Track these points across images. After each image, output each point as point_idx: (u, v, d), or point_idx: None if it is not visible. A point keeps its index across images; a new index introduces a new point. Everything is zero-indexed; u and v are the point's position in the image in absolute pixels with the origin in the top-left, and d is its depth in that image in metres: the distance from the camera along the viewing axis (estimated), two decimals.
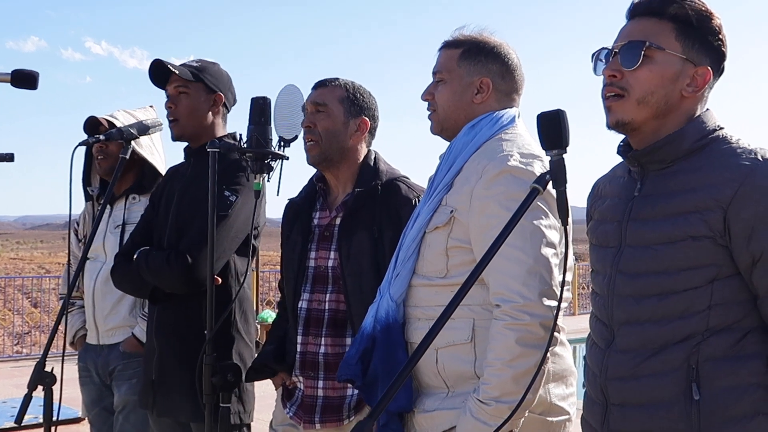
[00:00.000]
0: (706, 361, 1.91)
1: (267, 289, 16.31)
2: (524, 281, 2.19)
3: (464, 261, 2.34)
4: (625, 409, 2.01)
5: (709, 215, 1.90)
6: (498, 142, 2.40)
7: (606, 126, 2.08)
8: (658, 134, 2.03)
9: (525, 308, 2.17)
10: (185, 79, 3.35)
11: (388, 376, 2.37)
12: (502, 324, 2.19)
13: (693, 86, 2.02)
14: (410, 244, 2.44)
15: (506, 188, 2.27)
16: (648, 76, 2.00)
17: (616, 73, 2.03)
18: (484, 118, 2.47)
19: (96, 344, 3.87)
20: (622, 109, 2.02)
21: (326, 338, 2.90)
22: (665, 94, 2.01)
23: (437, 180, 2.47)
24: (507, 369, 2.16)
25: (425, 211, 2.44)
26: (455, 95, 2.51)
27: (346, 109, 2.96)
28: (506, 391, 2.16)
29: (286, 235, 3.11)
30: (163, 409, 3.31)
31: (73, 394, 3.09)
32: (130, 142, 3.20)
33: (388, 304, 2.43)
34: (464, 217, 2.33)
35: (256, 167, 2.54)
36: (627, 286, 2.02)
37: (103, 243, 3.84)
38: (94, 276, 3.83)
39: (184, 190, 3.36)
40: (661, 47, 2.00)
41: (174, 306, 3.27)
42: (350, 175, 3.00)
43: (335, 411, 2.87)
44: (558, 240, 2.29)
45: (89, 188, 4.11)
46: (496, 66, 2.53)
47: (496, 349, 2.19)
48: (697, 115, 2.05)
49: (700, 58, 2.02)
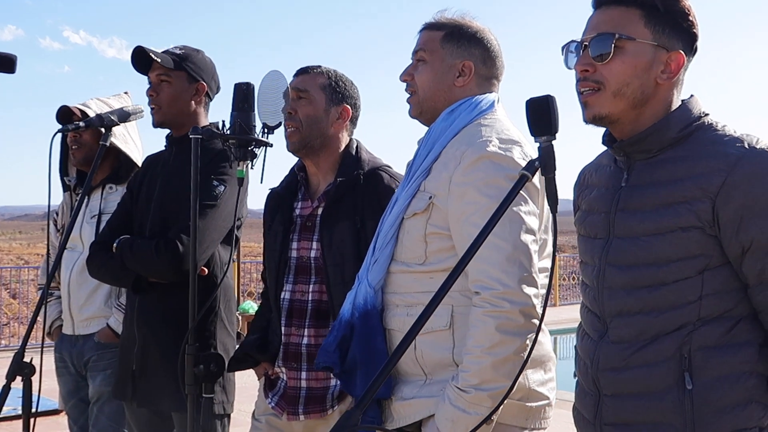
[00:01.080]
0: (699, 350, 1.90)
1: (248, 280, 16.26)
2: (504, 268, 2.17)
3: (442, 247, 2.32)
4: (617, 399, 2.00)
5: (697, 205, 1.89)
6: (477, 127, 2.38)
7: (583, 121, 2.05)
8: (638, 124, 2.01)
9: (505, 295, 2.16)
10: (167, 68, 3.31)
11: (367, 363, 2.36)
12: (482, 311, 2.17)
13: (667, 72, 2.00)
14: (388, 230, 2.42)
15: (485, 174, 2.25)
16: (621, 68, 1.97)
17: (589, 67, 2.00)
18: (463, 103, 2.45)
19: (71, 334, 3.84)
20: (598, 103, 2.00)
21: (309, 329, 2.87)
22: (640, 84, 1.98)
23: (415, 165, 2.45)
24: (486, 356, 2.14)
25: (403, 197, 2.41)
26: (436, 76, 2.48)
27: (327, 97, 2.93)
28: (485, 378, 2.14)
29: (268, 225, 3.08)
30: (143, 399, 3.27)
31: (52, 385, 3.06)
32: (110, 130, 3.15)
33: (366, 291, 2.41)
34: (443, 204, 2.31)
35: (239, 154, 2.50)
36: (617, 278, 2.00)
37: (80, 233, 3.80)
38: (71, 266, 3.79)
39: (167, 179, 3.32)
40: (631, 37, 1.97)
41: (156, 295, 3.23)
42: (331, 164, 2.97)
43: (319, 401, 2.85)
44: (537, 226, 2.28)
45: (66, 178, 4.07)
46: (478, 50, 2.50)
47: (475, 336, 2.17)
48: (680, 102, 2.03)
49: (672, 42, 1.99)
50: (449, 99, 2.48)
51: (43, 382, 2.77)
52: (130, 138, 3.89)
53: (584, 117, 2.04)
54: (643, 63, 1.98)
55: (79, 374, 3.84)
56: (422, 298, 2.31)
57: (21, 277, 16.22)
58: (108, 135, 3.15)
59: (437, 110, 2.48)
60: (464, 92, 2.48)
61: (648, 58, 1.98)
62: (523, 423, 2.32)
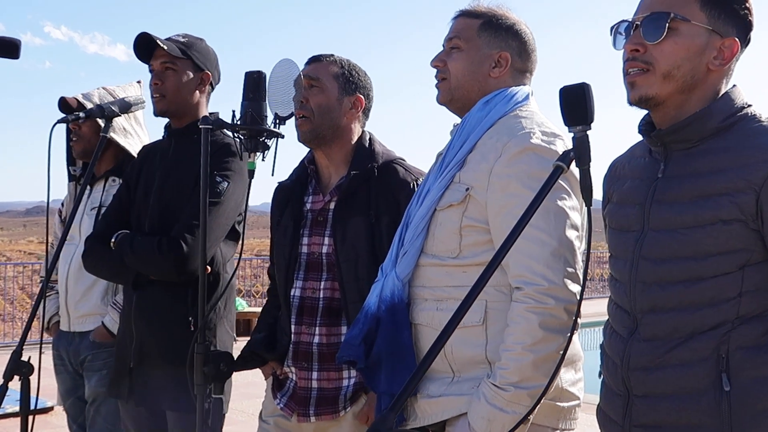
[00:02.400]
0: (737, 350, 1.82)
1: (240, 278, 16.17)
2: (548, 264, 2.11)
3: (478, 241, 2.25)
4: (649, 400, 1.92)
5: (740, 197, 1.81)
6: (515, 119, 2.31)
7: (627, 102, 1.99)
8: (683, 110, 1.94)
9: (549, 291, 2.10)
10: (173, 55, 3.21)
11: (392, 358, 2.29)
12: (524, 307, 2.10)
13: (720, 59, 1.93)
14: (419, 222, 2.33)
15: (528, 166, 2.19)
16: (673, 49, 1.91)
17: (639, 47, 1.93)
18: (498, 94, 2.38)
19: (68, 331, 3.73)
20: (646, 84, 1.93)
21: (321, 327, 2.78)
22: (692, 68, 1.92)
23: (449, 156, 2.36)
24: (528, 353, 2.08)
25: (436, 188, 2.33)
26: (472, 65, 2.41)
27: (340, 86, 2.84)
28: (526, 376, 2.07)
29: (276, 220, 2.97)
30: (140, 398, 3.17)
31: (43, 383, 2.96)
32: (111, 120, 3.04)
33: (393, 284, 2.33)
34: (481, 196, 2.24)
35: (250, 145, 2.39)
36: (651, 273, 1.92)
37: (79, 225, 3.69)
38: (69, 259, 3.68)
39: (167, 173, 3.21)
40: (686, 18, 1.91)
41: (155, 292, 3.13)
42: (343, 157, 2.87)
43: (330, 403, 2.76)
44: (581, 222, 2.21)
45: (72, 168, 3.95)
46: (515, 43, 2.44)
47: (516, 333, 2.10)
48: (724, 91, 1.96)
49: (727, 28, 1.93)
50: (483, 89, 2.41)
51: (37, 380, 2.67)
52: (134, 131, 3.78)
53: (629, 98, 1.97)
54: (696, 46, 1.91)
55: (77, 372, 3.73)
56: (454, 293, 2.24)
57: (4, 273, 15.98)
58: (108, 126, 3.04)
59: (470, 99, 2.41)
60: (499, 83, 2.41)
61: (701, 42, 1.92)
62: (555, 423, 2.25)
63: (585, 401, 2.32)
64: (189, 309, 3.03)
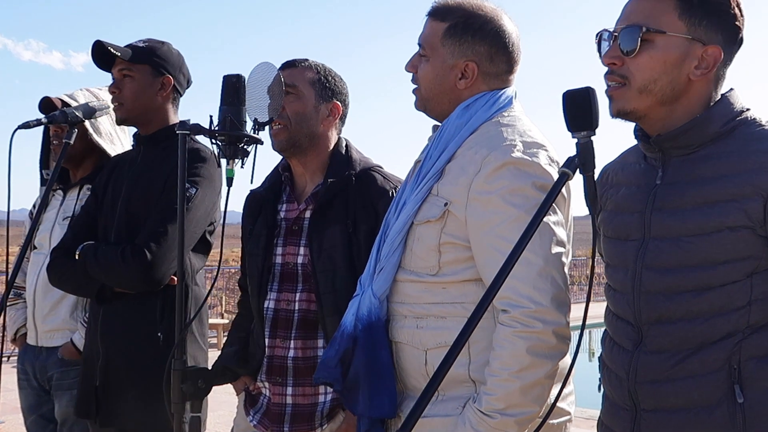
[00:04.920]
0: (749, 361, 1.78)
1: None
2: (535, 284, 2.00)
3: (458, 258, 2.14)
4: (659, 414, 1.86)
5: (747, 203, 1.76)
6: (496, 126, 2.19)
7: (609, 114, 1.93)
8: (670, 120, 1.89)
9: (537, 314, 1.99)
10: (129, 62, 3.12)
11: (371, 379, 2.18)
12: (511, 331, 2.00)
13: (702, 68, 1.87)
14: (395, 236, 2.22)
15: (510, 182, 2.06)
16: (648, 63, 1.85)
17: (616, 60, 1.89)
18: (479, 98, 2.24)
19: (35, 345, 3.55)
20: (623, 98, 1.89)
21: (296, 341, 2.67)
22: (670, 81, 1.86)
23: (426, 165, 2.23)
24: (514, 380, 1.98)
25: (413, 201, 2.21)
26: (437, 77, 2.27)
27: (317, 93, 2.74)
28: (512, 403, 1.98)
29: (249, 228, 2.86)
30: (107, 418, 3.03)
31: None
32: (74, 126, 2.92)
33: (370, 301, 2.21)
34: (460, 212, 2.12)
35: (229, 152, 2.28)
36: (656, 282, 1.86)
37: (50, 234, 3.53)
38: (37, 271, 3.51)
39: (134, 181, 3.11)
40: (660, 30, 1.85)
41: (122, 306, 3.02)
42: (320, 164, 2.77)
43: (306, 419, 2.65)
44: (566, 238, 2.12)
45: (45, 171, 3.79)
46: (484, 47, 2.25)
47: (502, 357, 2.00)
48: (720, 95, 1.91)
49: (709, 35, 1.86)
50: (454, 100, 2.26)
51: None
52: (116, 138, 3.64)
53: (610, 111, 1.92)
54: (673, 58, 1.85)
55: (42, 388, 3.55)
56: (433, 310, 2.15)
57: None
58: (72, 132, 2.91)
59: (443, 109, 2.28)
60: (471, 92, 2.26)
61: (679, 53, 1.86)
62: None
63: (583, 416, 2.26)
64: (158, 324, 2.92)
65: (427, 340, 2.16)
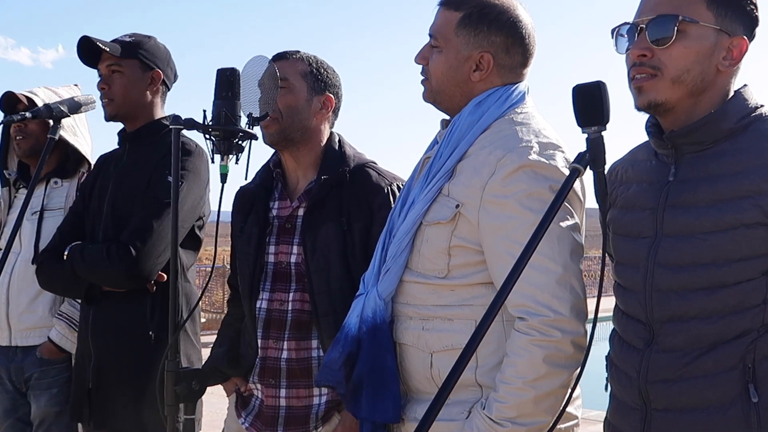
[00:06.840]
0: (764, 360, 1.75)
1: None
2: (554, 293, 1.95)
3: (468, 262, 2.07)
4: (670, 414, 1.82)
5: (763, 200, 1.73)
6: (510, 125, 2.12)
7: (635, 108, 1.89)
8: (692, 113, 1.86)
9: (556, 323, 1.94)
10: (118, 57, 3.06)
11: (374, 382, 2.13)
12: (528, 339, 1.94)
13: (729, 59, 1.86)
14: (403, 236, 2.15)
15: (527, 186, 2.00)
16: (683, 53, 1.82)
17: (646, 52, 1.84)
18: (491, 94, 2.17)
19: (8, 345, 3.45)
20: (654, 89, 1.84)
21: (289, 342, 2.60)
22: (701, 71, 1.84)
23: (436, 164, 2.16)
24: (529, 389, 1.93)
25: (422, 200, 2.14)
26: (450, 69, 2.19)
27: (309, 85, 2.66)
28: (524, 412, 1.93)
29: (239, 226, 2.78)
30: (100, 421, 2.98)
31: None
32: (59, 121, 2.84)
33: (375, 303, 2.15)
34: (472, 215, 2.05)
35: (223, 147, 2.21)
36: (669, 280, 1.82)
37: (19, 231, 3.43)
38: (9, 269, 3.41)
39: (120, 179, 3.07)
40: (694, 20, 1.82)
41: (112, 306, 2.96)
42: (312, 160, 2.70)
43: (300, 422, 2.58)
44: (582, 240, 2.07)
45: (6, 172, 3.69)
46: (500, 38, 2.18)
47: (517, 365, 1.95)
48: (736, 91, 1.88)
49: (734, 26, 1.85)
50: (467, 93, 2.19)
51: None
52: (78, 130, 3.57)
53: (636, 104, 1.88)
54: (706, 48, 1.83)
55: (18, 391, 3.46)
56: (440, 312, 2.09)
57: None
58: (57, 127, 2.83)
59: (454, 102, 2.21)
60: (484, 85, 2.19)
61: (710, 43, 1.83)
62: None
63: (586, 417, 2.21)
64: (149, 322, 2.86)
65: (432, 343, 2.10)
